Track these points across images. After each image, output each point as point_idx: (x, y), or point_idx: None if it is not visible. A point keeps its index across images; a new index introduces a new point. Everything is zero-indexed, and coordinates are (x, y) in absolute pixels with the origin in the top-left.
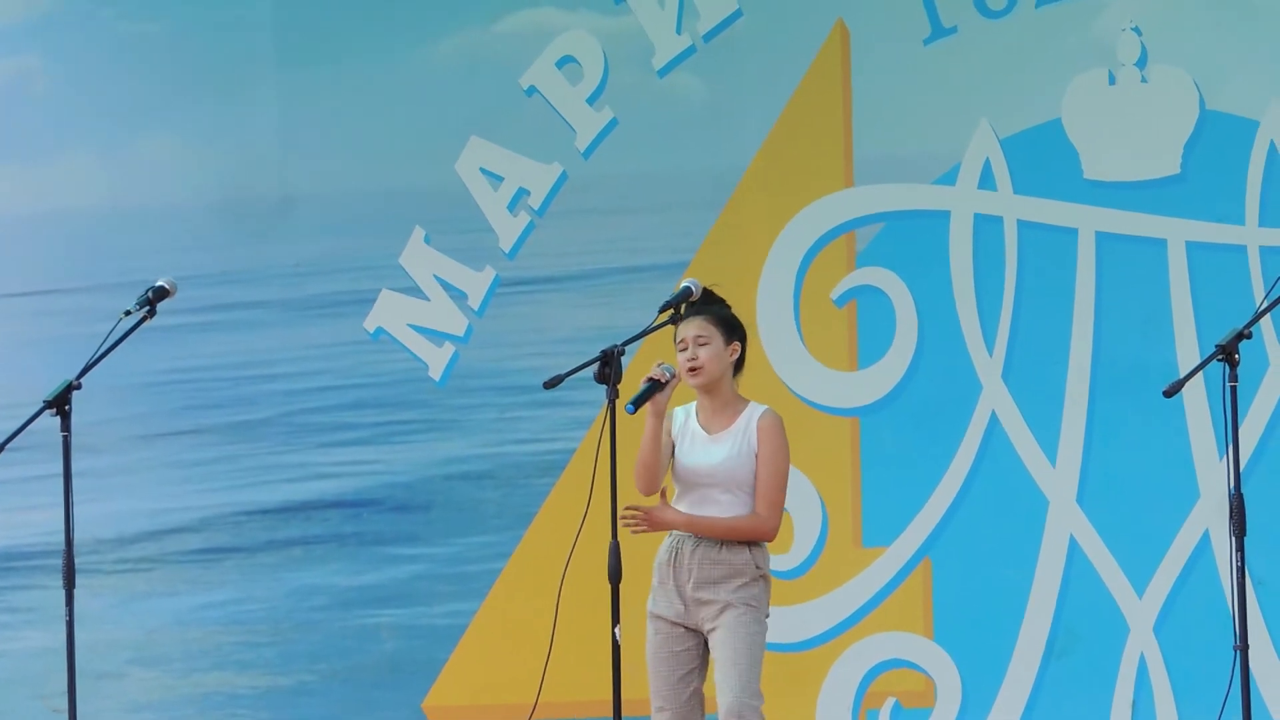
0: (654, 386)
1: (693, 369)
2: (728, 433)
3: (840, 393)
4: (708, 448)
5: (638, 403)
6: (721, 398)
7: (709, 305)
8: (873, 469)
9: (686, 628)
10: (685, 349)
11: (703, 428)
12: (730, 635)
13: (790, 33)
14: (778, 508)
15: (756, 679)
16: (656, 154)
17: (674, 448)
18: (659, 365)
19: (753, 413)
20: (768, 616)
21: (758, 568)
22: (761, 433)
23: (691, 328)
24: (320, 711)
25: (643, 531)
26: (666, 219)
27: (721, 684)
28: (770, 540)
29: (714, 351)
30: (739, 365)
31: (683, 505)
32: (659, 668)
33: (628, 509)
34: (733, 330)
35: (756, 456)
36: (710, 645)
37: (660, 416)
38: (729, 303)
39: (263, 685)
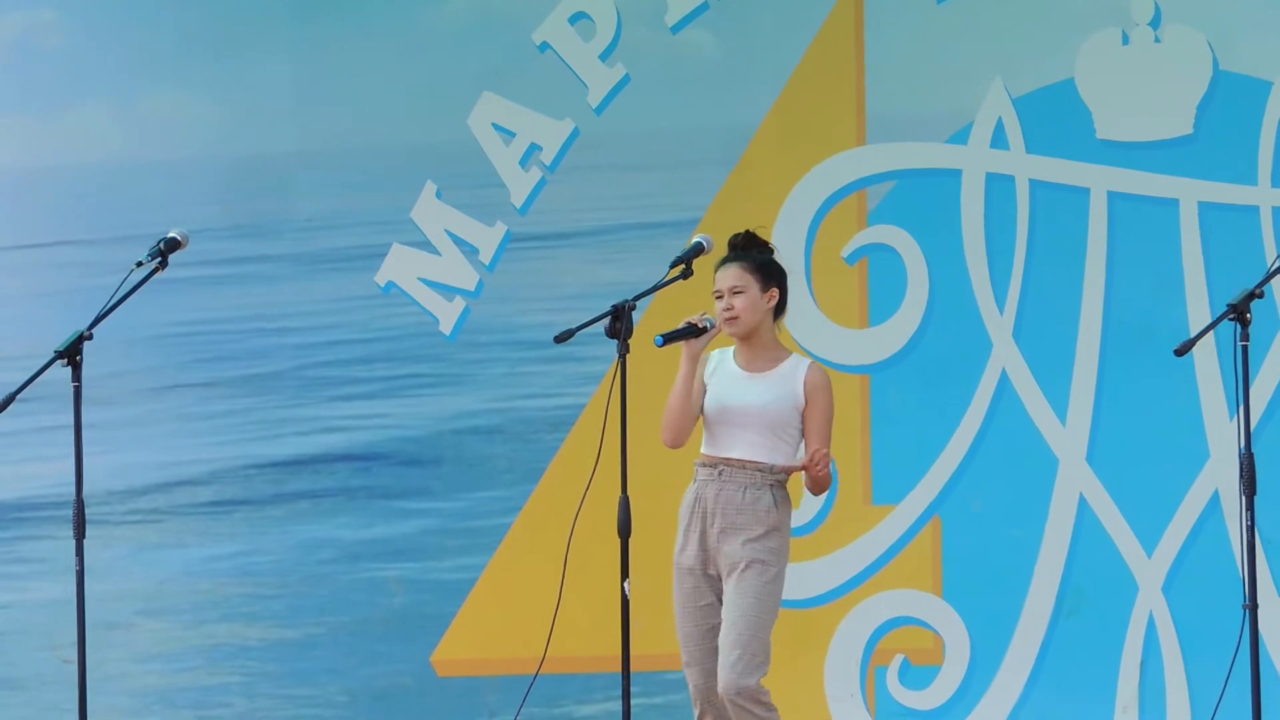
0: (690, 329)
1: (730, 318)
2: (769, 375)
3: (850, 350)
4: (745, 385)
5: (669, 338)
6: (761, 343)
7: (745, 251)
8: (882, 426)
9: (710, 576)
10: (721, 298)
11: (741, 367)
12: (738, 596)
13: None
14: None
15: (760, 646)
16: (669, 110)
17: (705, 392)
18: (701, 315)
19: (798, 363)
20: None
21: (779, 516)
22: (814, 389)
23: (727, 277)
24: (328, 664)
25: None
26: (678, 175)
27: (722, 654)
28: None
29: (750, 300)
30: (780, 309)
31: (706, 445)
32: (684, 622)
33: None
34: (770, 276)
35: (803, 412)
36: (723, 601)
37: (694, 362)
38: (771, 246)
39: (271, 637)
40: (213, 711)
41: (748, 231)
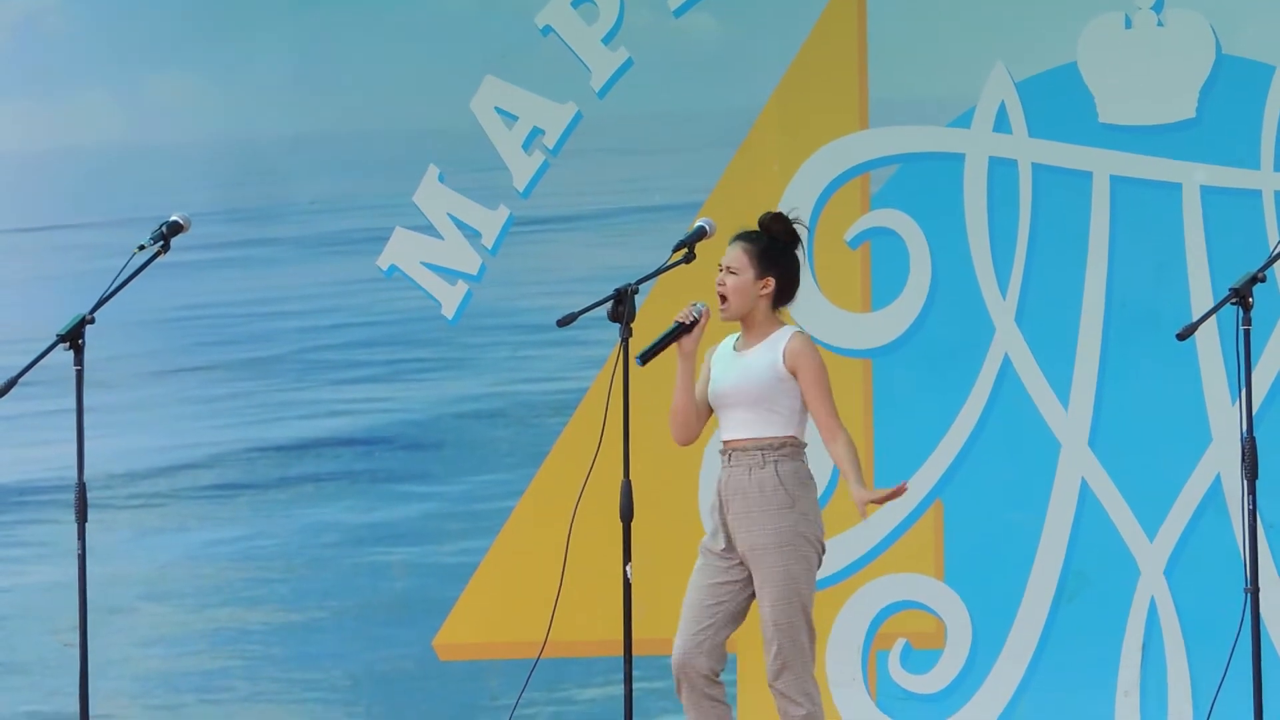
0: (674, 332)
1: (720, 296)
2: (754, 350)
3: (853, 334)
4: (732, 365)
5: (647, 356)
6: (755, 327)
7: (758, 234)
8: (885, 411)
9: (729, 559)
10: (720, 274)
11: (734, 349)
12: (762, 589)
13: None
14: (837, 418)
15: (791, 643)
16: (671, 94)
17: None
18: (691, 305)
19: (782, 334)
20: (819, 544)
21: (789, 493)
22: (793, 356)
23: (727, 255)
24: (331, 648)
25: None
26: (681, 159)
27: (765, 645)
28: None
29: (742, 283)
30: (781, 297)
31: (719, 433)
32: (690, 593)
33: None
34: (770, 264)
35: (794, 378)
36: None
37: (689, 359)
38: (797, 230)
39: (274, 621)
40: (215, 695)
41: (776, 214)
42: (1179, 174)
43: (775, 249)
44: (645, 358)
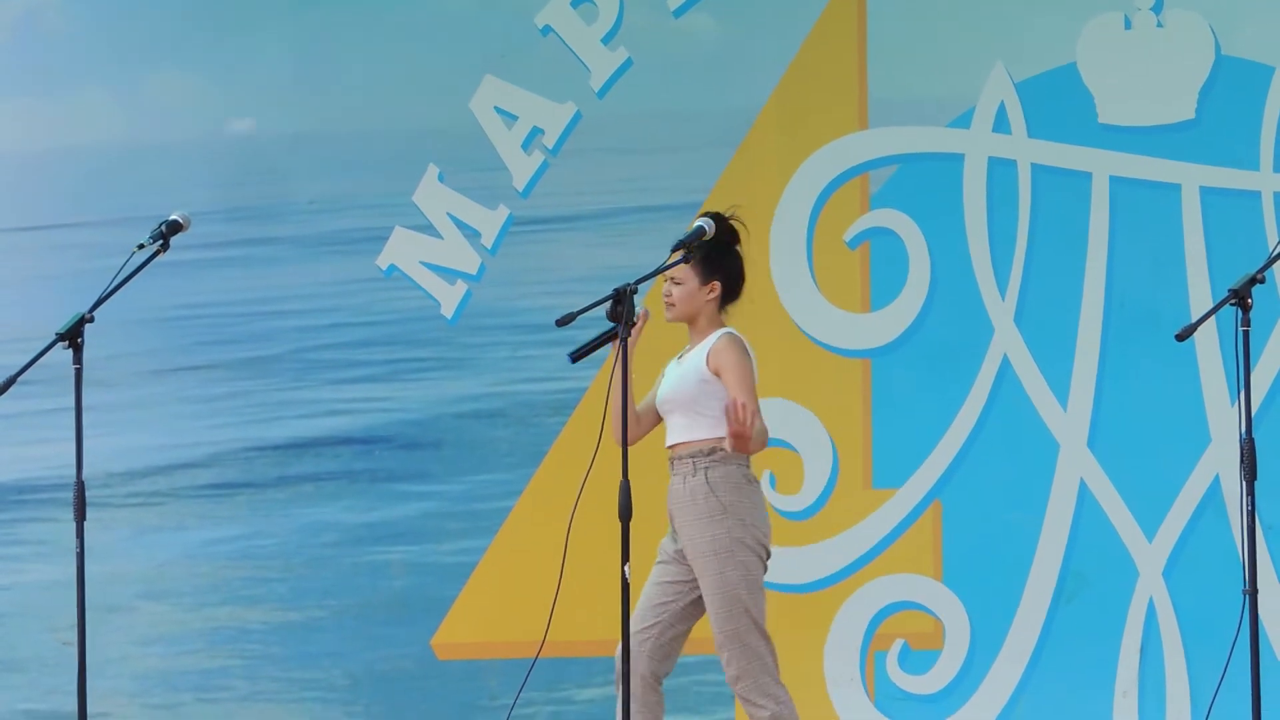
0: (610, 332)
1: (667, 303)
2: (690, 355)
3: (852, 334)
4: (672, 372)
5: (578, 354)
6: (699, 332)
7: (695, 243)
8: (884, 411)
9: (683, 565)
10: (666, 284)
11: (678, 358)
12: (707, 598)
13: None
14: (755, 414)
15: (738, 646)
16: (671, 94)
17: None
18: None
19: (714, 336)
20: (759, 548)
21: (720, 500)
22: (715, 355)
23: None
24: (330, 647)
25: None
26: (680, 159)
27: (718, 653)
28: (762, 445)
29: (687, 291)
30: (727, 297)
31: None
32: (641, 594)
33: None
34: (714, 269)
35: (719, 379)
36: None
37: (624, 361)
38: (740, 233)
39: (273, 620)
40: (213, 694)
41: (715, 214)
42: (1178, 175)
43: (717, 251)
44: (576, 355)
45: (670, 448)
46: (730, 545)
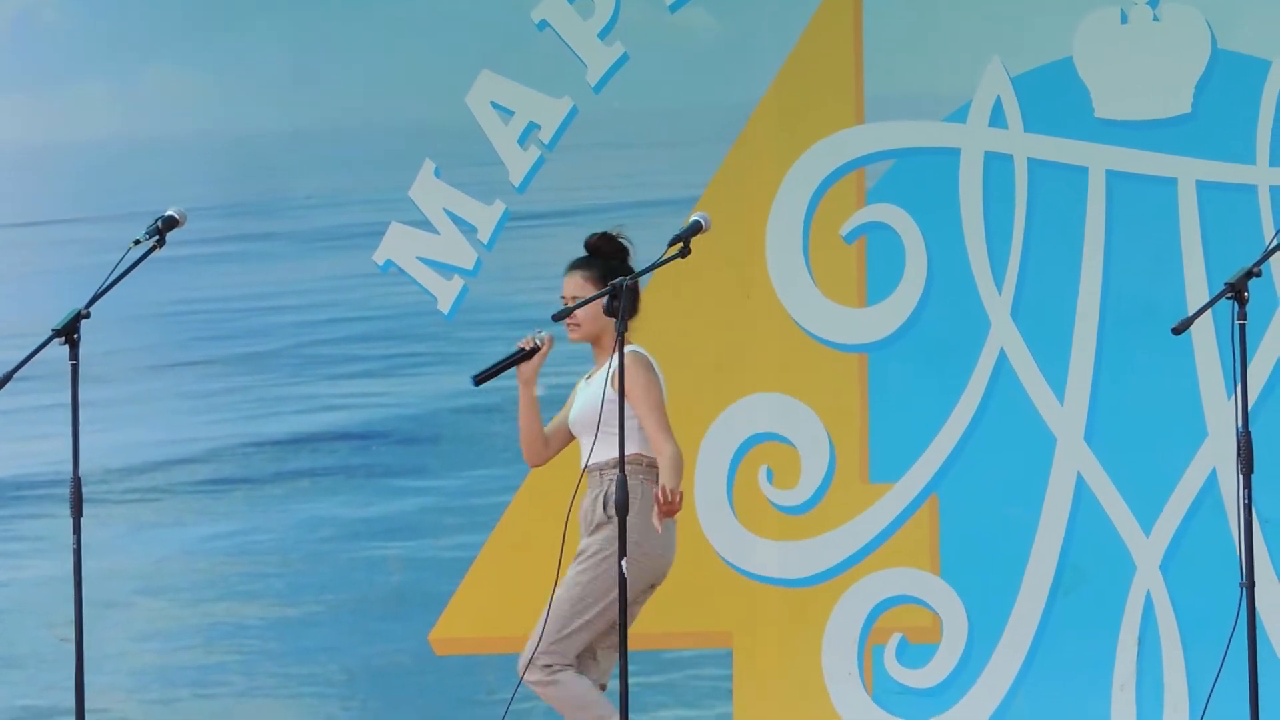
0: (513, 357)
1: (570, 325)
2: (595, 376)
3: (849, 329)
4: (579, 394)
5: (482, 377)
6: (603, 351)
7: (590, 258)
8: (881, 405)
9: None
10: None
11: (585, 379)
12: (561, 588)
13: None
14: (665, 431)
15: (566, 633)
16: (667, 89)
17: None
18: (535, 334)
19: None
20: (636, 548)
21: (604, 510)
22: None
23: (569, 285)
24: (327, 642)
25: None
26: (676, 154)
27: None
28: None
29: (590, 311)
30: (628, 314)
31: None
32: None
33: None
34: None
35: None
36: None
37: (529, 386)
38: (624, 245)
39: (270, 615)
40: (211, 690)
41: (603, 234)
42: (1175, 169)
43: (610, 269)
44: (480, 379)
45: (584, 470)
46: (600, 550)
